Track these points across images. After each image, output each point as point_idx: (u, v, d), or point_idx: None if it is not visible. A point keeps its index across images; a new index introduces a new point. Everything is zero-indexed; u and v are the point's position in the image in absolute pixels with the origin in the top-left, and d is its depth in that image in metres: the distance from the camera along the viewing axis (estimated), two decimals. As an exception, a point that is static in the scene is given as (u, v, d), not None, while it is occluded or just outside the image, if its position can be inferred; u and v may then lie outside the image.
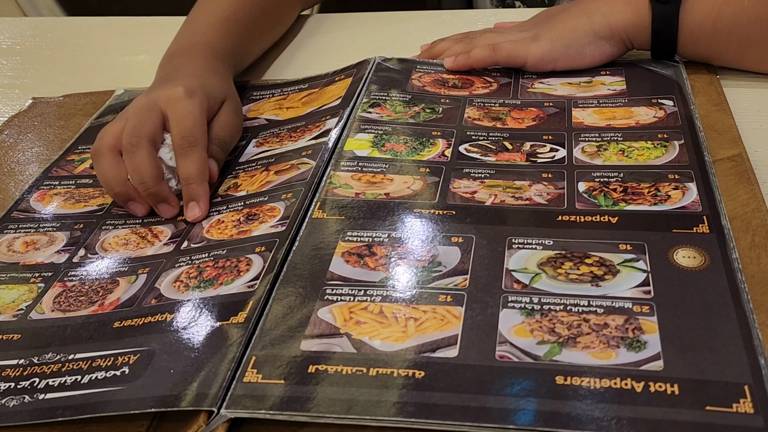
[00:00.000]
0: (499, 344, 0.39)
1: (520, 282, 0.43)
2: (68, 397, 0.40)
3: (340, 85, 0.67)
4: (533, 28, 0.66)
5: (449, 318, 0.41)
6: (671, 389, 0.36)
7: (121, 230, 0.54)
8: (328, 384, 0.38)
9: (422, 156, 0.56)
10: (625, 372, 0.37)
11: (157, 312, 0.45)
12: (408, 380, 0.37)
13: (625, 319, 0.40)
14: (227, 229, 0.51)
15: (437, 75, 0.67)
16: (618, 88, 0.63)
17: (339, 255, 0.46)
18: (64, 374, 0.41)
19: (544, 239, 0.46)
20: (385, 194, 0.51)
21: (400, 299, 0.42)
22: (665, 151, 0.54)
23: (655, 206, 0.48)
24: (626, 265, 0.44)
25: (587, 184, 0.51)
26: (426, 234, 0.47)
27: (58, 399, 0.40)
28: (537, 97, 0.63)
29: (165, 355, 0.41)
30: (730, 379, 0.36)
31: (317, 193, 0.52)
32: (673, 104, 0.59)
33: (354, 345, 0.40)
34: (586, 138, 0.56)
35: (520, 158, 0.55)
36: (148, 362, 0.41)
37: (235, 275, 0.46)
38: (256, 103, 0.69)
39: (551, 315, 0.40)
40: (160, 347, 0.42)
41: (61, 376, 0.41)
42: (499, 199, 0.50)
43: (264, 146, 0.61)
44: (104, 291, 0.48)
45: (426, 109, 0.62)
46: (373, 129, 0.59)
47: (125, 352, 0.42)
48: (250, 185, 0.56)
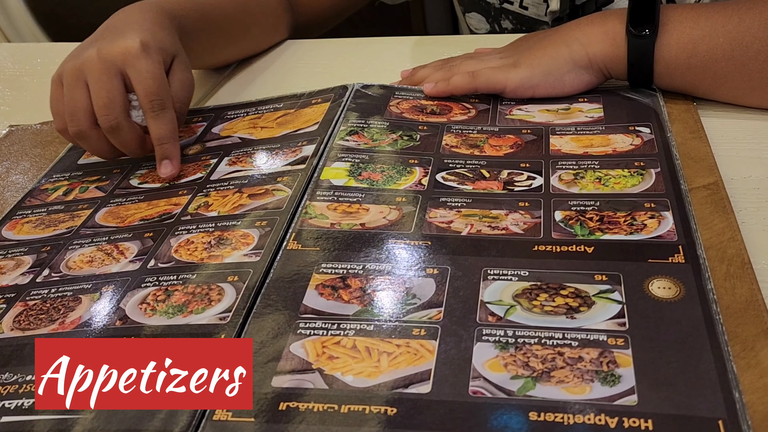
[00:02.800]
0: (473, 379, 0.38)
1: (495, 314, 0.42)
2: (25, 422, 0.39)
3: (317, 109, 0.67)
4: (513, 55, 0.67)
5: (423, 352, 0.40)
6: (645, 425, 0.36)
7: (87, 248, 0.54)
8: (299, 422, 0.37)
9: (399, 185, 0.55)
10: (599, 407, 0.37)
11: (122, 335, 0.44)
12: (380, 417, 0.37)
13: (600, 353, 0.40)
14: (197, 251, 0.51)
15: (415, 101, 0.67)
16: (596, 116, 0.63)
17: (313, 287, 0.46)
18: (21, 396, 0.40)
19: (519, 270, 0.46)
20: (360, 224, 0.51)
21: (373, 333, 0.42)
22: (641, 179, 0.54)
23: (631, 235, 0.48)
24: (601, 296, 0.43)
25: (564, 213, 0.51)
26: (401, 265, 0.47)
27: (13, 423, 0.39)
28: (515, 124, 0.63)
29: None
30: (705, 414, 0.36)
31: (292, 223, 0.52)
32: (650, 131, 0.60)
33: (326, 381, 0.39)
34: (564, 166, 0.56)
35: (497, 186, 0.55)
36: None
37: (206, 304, 0.45)
38: (230, 122, 0.69)
39: (525, 348, 0.40)
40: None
41: (18, 398, 0.40)
42: (476, 228, 0.50)
43: (237, 165, 0.61)
44: (66, 309, 0.47)
45: (404, 137, 0.62)
46: (350, 157, 0.59)
47: None
48: (221, 206, 0.55)
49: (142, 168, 0.64)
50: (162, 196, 0.59)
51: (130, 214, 0.57)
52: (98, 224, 0.57)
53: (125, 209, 0.58)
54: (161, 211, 0.57)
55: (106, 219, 0.57)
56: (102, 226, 0.57)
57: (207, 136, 0.67)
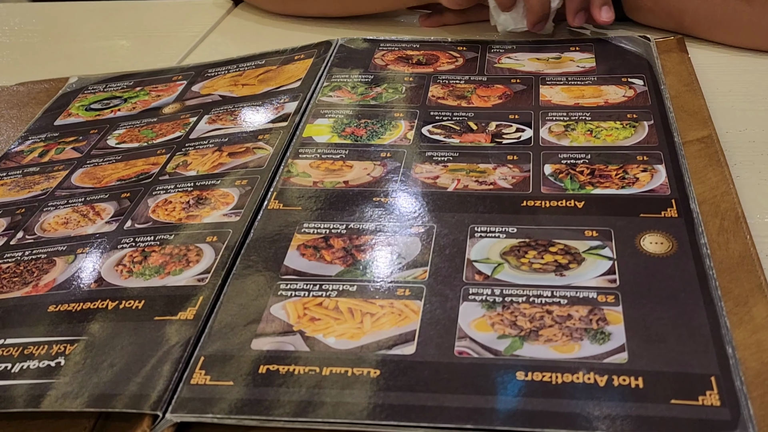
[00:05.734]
0: (459, 339, 0.37)
1: (482, 273, 0.41)
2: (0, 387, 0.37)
3: (300, 65, 0.65)
4: None
5: (407, 313, 0.39)
6: (635, 383, 0.34)
7: (63, 210, 0.52)
8: (279, 385, 0.36)
9: (383, 140, 0.54)
10: (588, 365, 0.35)
11: (97, 298, 0.42)
12: (363, 379, 0.36)
13: (590, 310, 0.38)
14: (175, 212, 0.49)
15: (401, 52, 0.65)
16: (587, 66, 0.61)
17: (294, 248, 0.44)
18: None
19: (507, 227, 0.44)
20: (344, 182, 0.49)
21: (356, 294, 0.41)
22: (634, 131, 0.52)
23: (623, 189, 0.47)
24: (592, 252, 0.42)
25: (553, 166, 0.49)
26: (385, 224, 0.45)
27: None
28: (504, 73, 0.61)
29: (105, 347, 0.39)
30: (697, 371, 0.35)
31: (274, 182, 0.50)
32: (643, 83, 0.58)
33: (307, 343, 0.38)
34: (554, 117, 0.55)
35: (485, 139, 0.53)
36: (86, 354, 0.39)
37: (183, 265, 0.44)
38: (210, 80, 0.67)
39: (513, 307, 0.39)
40: (100, 339, 0.40)
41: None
42: (462, 184, 0.48)
43: (217, 123, 0.59)
44: (39, 272, 0.46)
45: (388, 89, 0.60)
46: (334, 113, 0.57)
47: (61, 340, 0.40)
48: (200, 165, 0.54)
49: (120, 128, 0.62)
50: (140, 156, 0.57)
51: (107, 175, 0.56)
52: (74, 185, 0.55)
53: (102, 170, 0.56)
54: (139, 171, 0.55)
55: (82, 180, 0.56)
56: (78, 187, 0.55)
57: (187, 95, 0.65)
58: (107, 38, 0.84)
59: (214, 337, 0.39)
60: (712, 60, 0.64)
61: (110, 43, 0.83)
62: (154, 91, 0.67)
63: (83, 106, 0.67)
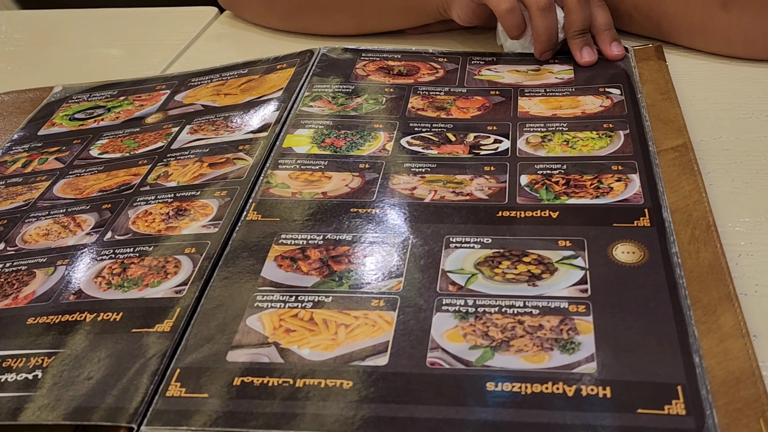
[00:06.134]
0: (431, 350, 0.38)
1: (456, 284, 0.42)
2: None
3: (282, 74, 0.65)
4: None
5: (381, 324, 0.40)
6: (603, 392, 0.35)
7: (44, 221, 0.52)
8: (254, 397, 0.36)
9: (362, 151, 0.54)
10: (557, 376, 0.36)
11: (75, 310, 0.43)
12: (335, 391, 0.36)
13: (560, 320, 0.39)
14: (155, 223, 0.49)
15: (382, 62, 0.66)
16: (566, 77, 0.62)
17: (272, 259, 0.45)
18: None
19: (482, 237, 0.45)
20: (322, 193, 0.50)
21: (332, 305, 0.41)
22: (610, 141, 0.53)
23: (597, 199, 0.47)
24: (564, 262, 0.43)
25: (529, 176, 0.50)
26: (361, 235, 0.46)
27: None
28: (483, 85, 0.62)
29: (82, 360, 0.39)
30: (664, 380, 0.35)
31: (253, 193, 0.51)
32: (620, 93, 0.58)
33: (282, 355, 0.38)
34: (531, 128, 0.55)
35: (463, 150, 0.53)
36: (63, 367, 0.39)
37: (162, 277, 0.44)
38: (193, 89, 0.67)
39: (485, 318, 0.39)
40: (78, 351, 0.40)
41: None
42: (439, 195, 0.49)
43: (198, 134, 0.59)
44: (19, 284, 0.46)
45: (369, 100, 0.60)
46: (314, 124, 0.57)
47: (39, 353, 0.40)
48: (181, 176, 0.54)
49: (103, 138, 0.63)
50: (122, 167, 0.57)
51: (89, 185, 0.56)
52: (56, 196, 0.56)
53: (84, 180, 0.57)
54: (120, 181, 0.55)
55: (64, 191, 0.56)
56: (60, 198, 0.55)
57: (170, 104, 0.66)
58: (93, 46, 0.84)
59: (190, 350, 0.39)
60: (689, 67, 0.64)
61: (96, 51, 0.83)
62: (137, 101, 0.68)
63: (67, 116, 0.68)
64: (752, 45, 0.63)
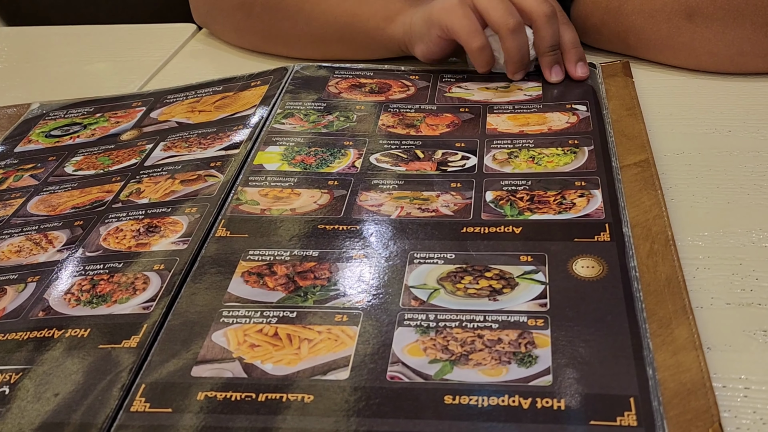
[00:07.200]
0: (391, 364, 0.39)
1: (419, 299, 0.43)
2: None
3: (256, 92, 0.66)
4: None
5: (343, 338, 0.40)
6: (558, 404, 0.36)
7: (16, 238, 0.53)
8: (216, 411, 0.37)
9: (332, 168, 0.55)
10: (513, 389, 0.37)
11: (44, 327, 0.43)
12: (296, 405, 0.37)
13: (519, 334, 0.40)
14: (125, 240, 0.50)
15: (354, 80, 0.67)
16: (534, 94, 0.63)
17: (239, 275, 0.45)
18: None
19: (446, 253, 0.46)
20: (290, 210, 0.51)
21: (296, 320, 0.42)
22: (574, 157, 0.54)
23: (560, 215, 0.48)
24: (525, 277, 0.44)
25: (495, 193, 0.51)
26: (327, 251, 0.47)
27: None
28: (453, 102, 0.63)
29: (50, 377, 0.40)
30: (617, 392, 0.36)
31: (223, 209, 0.51)
32: (586, 109, 0.60)
33: (245, 369, 0.39)
34: (498, 145, 0.56)
35: (431, 167, 0.54)
36: (30, 384, 0.40)
37: (130, 293, 0.45)
38: (168, 106, 0.68)
39: (446, 332, 0.40)
40: (45, 368, 0.40)
41: None
42: (405, 211, 0.50)
43: (172, 150, 0.60)
44: None
45: (340, 118, 0.61)
46: (285, 141, 0.58)
47: (7, 369, 0.41)
48: (153, 193, 0.55)
49: (78, 155, 0.63)
50: (95, 183, 0.58)
51: (63, 202, 0.57)
52: (29, 213, 0.56)
53: (58, 197, 0.57)
54: (93, 198, 0.56)
55: (37, 207, 0.57)
56: (33, 215, 0.56)
57: (145, 121, 0.66)
58: (72, 63, 0.85)
59: (156, 365, 0.40)
60: (655, 83, 0.66)
61: (75, 68, 0.84)
62: (113, 118, 0.69)
63: (43, 133, 0.68)
64: (717, 56, 0.64)
